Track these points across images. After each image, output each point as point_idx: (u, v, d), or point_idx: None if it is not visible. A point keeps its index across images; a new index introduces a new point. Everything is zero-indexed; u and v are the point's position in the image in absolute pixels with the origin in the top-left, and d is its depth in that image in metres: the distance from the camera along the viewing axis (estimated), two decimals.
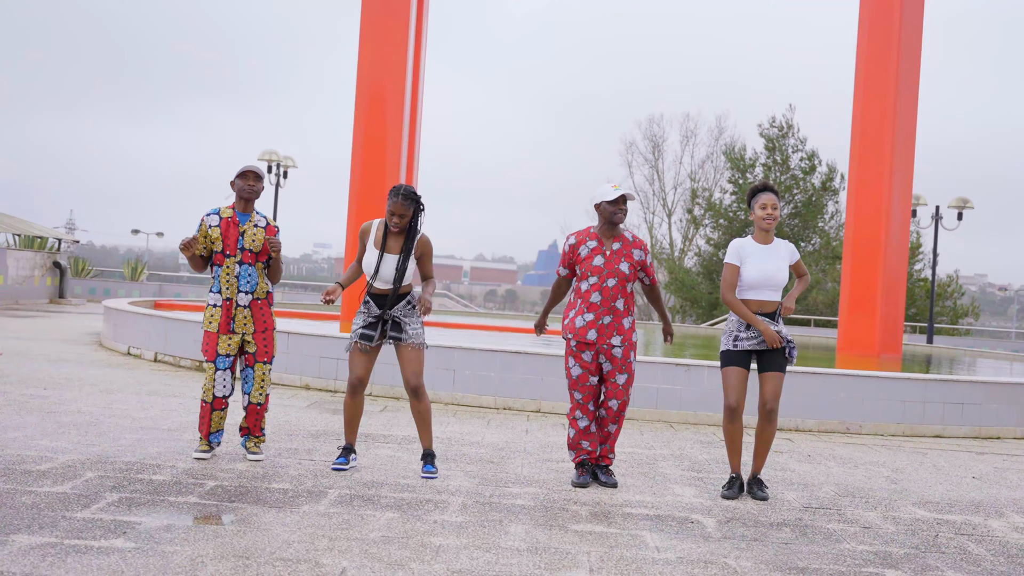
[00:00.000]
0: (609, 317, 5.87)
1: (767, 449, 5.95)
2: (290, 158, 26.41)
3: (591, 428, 5.96)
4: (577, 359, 5.93)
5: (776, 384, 5.83)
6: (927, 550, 4.81)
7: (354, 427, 6.01)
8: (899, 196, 16.78)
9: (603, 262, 5.89)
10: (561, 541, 4.55)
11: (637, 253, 5.98)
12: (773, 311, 5.88)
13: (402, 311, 5.88)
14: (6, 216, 27.91)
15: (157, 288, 30.83)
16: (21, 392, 8.38)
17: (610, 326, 5.87)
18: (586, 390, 5.92)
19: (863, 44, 17.01)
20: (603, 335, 5.86)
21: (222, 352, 5.96)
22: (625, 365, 5.91)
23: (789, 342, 5.88)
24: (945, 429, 9.33)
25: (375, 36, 16.54)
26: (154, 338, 11.88)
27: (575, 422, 5.96)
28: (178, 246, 5.94)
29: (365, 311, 5.91)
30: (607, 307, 5.87)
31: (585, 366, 5.90)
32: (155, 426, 7.05)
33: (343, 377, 9.77)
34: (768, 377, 5.84)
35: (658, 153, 45.81)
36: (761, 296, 5.86)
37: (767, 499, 5.77)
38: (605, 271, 5.88)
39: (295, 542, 4.25)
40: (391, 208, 5.76)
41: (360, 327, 5.88)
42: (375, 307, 5.87)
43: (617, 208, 5.91)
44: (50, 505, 4.61)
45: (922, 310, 32.47)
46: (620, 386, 5.90)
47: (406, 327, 5.88)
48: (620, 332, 5.88)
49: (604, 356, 5.89)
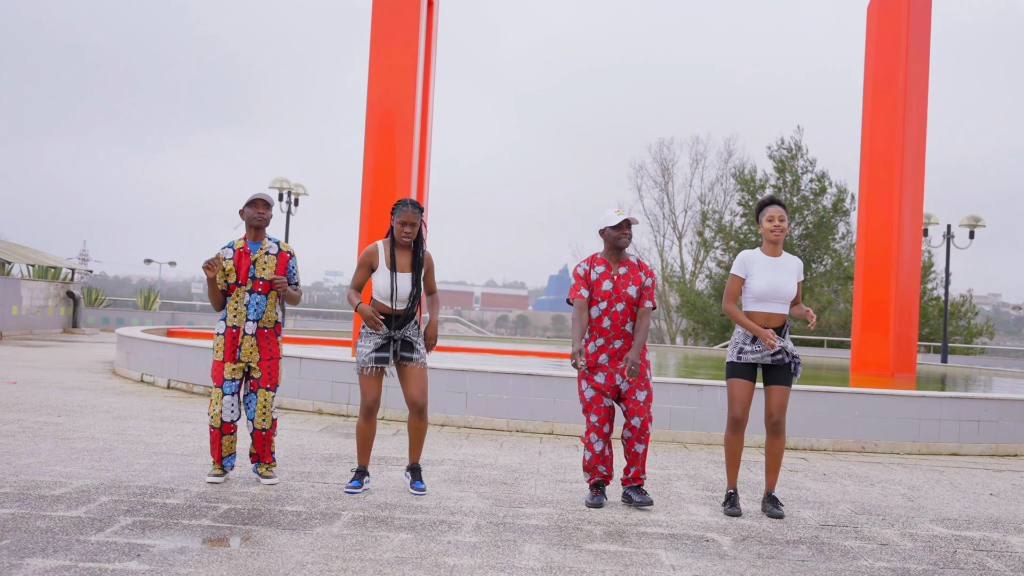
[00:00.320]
0: (620, 341, 5.90)
1: (778, 464, 5.91)
2: (301, 185, 26.57)
3: (606, 452, 5.94)
4: (590, 381, 5.92)
5: (781, 397, 5.80)
6: (945, 566, 4.76)
7: (367, 450, 6.01)
8: (909, 214, 16.75)
9: (612, 286, 5.93)
10: (576, 560, 4.53)
11: (644, 278, 6.02)
12: (779, 325, 5.85)
13: (412, 331, 5.90)
14: (19, 247, 28.11)
15: (170, 316, 30.94)
16: (35, 419, 8.40)
17: (621, 350, 5.90)
18: (601, 412, 5.90)
19: (870, 64, 17.06)
20: (615, 358, 5.88)
21: (227, 377, 5.98)
22: (643, 382, 5.92)
23: (794, 357, 5.85)
24: (961, 447, 9.26)
25: (385, 63, 16.66)
26: (167, 365, 11.91)
27: (591, 445, 5.94)
28: (201, 266, 5.96)
29: (373, 332, 5.91)
30: (617, 331, 5.89)
31: (598, 387, 5.90)
32: (168, 451, 7.05)
33: (355, 401, 9.77)
34: (773, 391, 5.82)
35: (668, 176, 45.88)
36: (768, 309, 5.85)
37: (783, 517, 5.73)
38: (613, 295, 5.91)
39: (309, 563, 4.24)
40: (402, 218, 5.80)
41: (372, 351, 5.87)
42: (385, 328, 5.87)
43: (621, 233, 5.96)
44: (64, 529, 4.61)
45: (936, 329, 32.31)
46: (641, 403, 5.90)
47: (416, 346, 5.90)
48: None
49: (619, 376, 5.89)
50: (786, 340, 5.87)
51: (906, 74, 16.53)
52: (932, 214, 25.82)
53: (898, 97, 16.47)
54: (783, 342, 5.83)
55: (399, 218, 5.83)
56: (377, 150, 17.10)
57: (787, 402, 5.86)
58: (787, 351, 5.83)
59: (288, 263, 6.14)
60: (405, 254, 5.93)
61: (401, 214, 5.83)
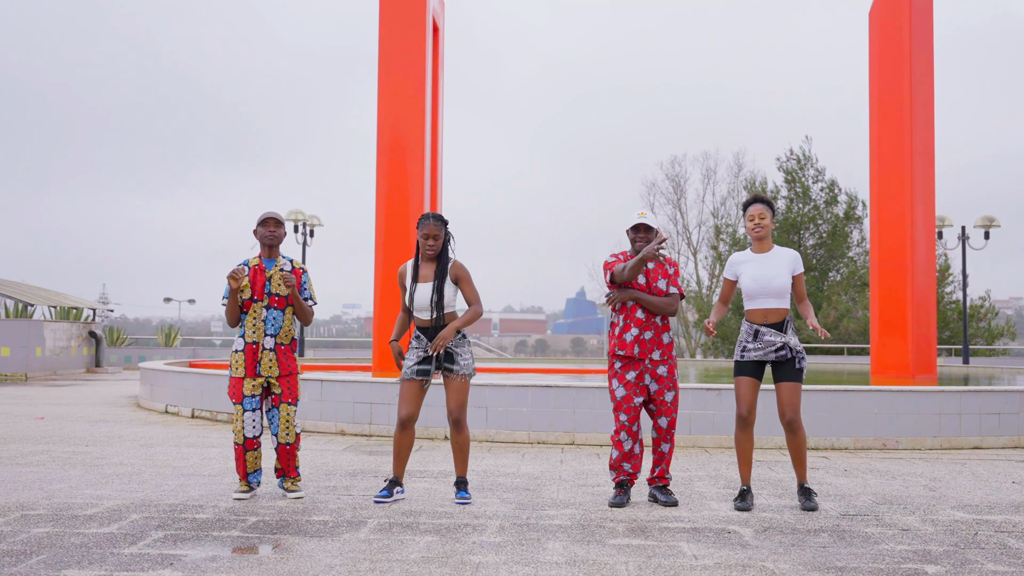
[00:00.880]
0: (651, 332, 6.02)
1: (802, 458, 5.94)
2: (316, 217, 26.83)
3: (635, 450, 6.02)
4: (621, 380, 6.03)
5: (790, 394, 5.83)
6: (966, 547, 4.80)
7: (402, 460, 6.09)
8: (922, 215, 16.76)
9: (645, 280, 6.04)
10: (599, 554, 4.60)
11: (670, 270, 6.17)
12: (779, 321, 5.88)
13: (453, 342, 6.00)
14: (41, 289, 28.45)
15: (191, 352, 31.17)
16: (64, 449, 8.54)
17: (651, 341, 6.02)
18: (631, 411, 5.99)
19: (874, 68, 17.15)
20: (644, 349, 6.00)
21: (247, 394, 6.10)
22: (672, 383, 6.03)
23: (797, 352, 5.87)
24: (983, 440, 9.26)
25: (393, 90, 16.86)
26: (190, 395, 12.05)
27: (619, 444, 6.02)
28: (226, 276, 6.07)
29: (417, 345, 6.03)
30: (649, 322, 6.02)
31: (629, 387, 6.00)
32: (195, 473, 7.17)
33: (378, 421, 9.87)
34: (781, 388, 5.87)
35: (680, 192, 45.99)
36: (762, 305, 5.92)
37: (816, 509, 5.75)
38: (647, 289, 6.04)
39: (337, 565, 4.33)
40: (425, 231, 5.95)
41: (415, 363, 5.98)
42: (426, 340, 5.99)
43: (636, 237, 6.08)
44: (98, 543, 4.72)
45: (956, 333, 32.15)
46: (669, 403, 6.01)
47: (457, 358, 6.00)
48: (660, 347, 6.03)
49: (649, 376, 5.99)
50: (788, 335, 5.88)
51: (911, 76, 16.60)
52: (946, 216, 25.80)
53: (904, 100, 16.54)
54: (785, 338, 5.86)
55: (422, 231, 5.98)
56: (389, 176, 17.28)
57: (798, 398, 5.87)
58: (789, 346, 5.86)
59: (301, 278, 6.28)
60: (429, 266, 6.06)
61: (424, 227, 5.98)
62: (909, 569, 4.32)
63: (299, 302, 6.22)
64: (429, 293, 5.97)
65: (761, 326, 5.88)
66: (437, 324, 5.99)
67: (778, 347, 5.83)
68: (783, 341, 5.82)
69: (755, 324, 5.92)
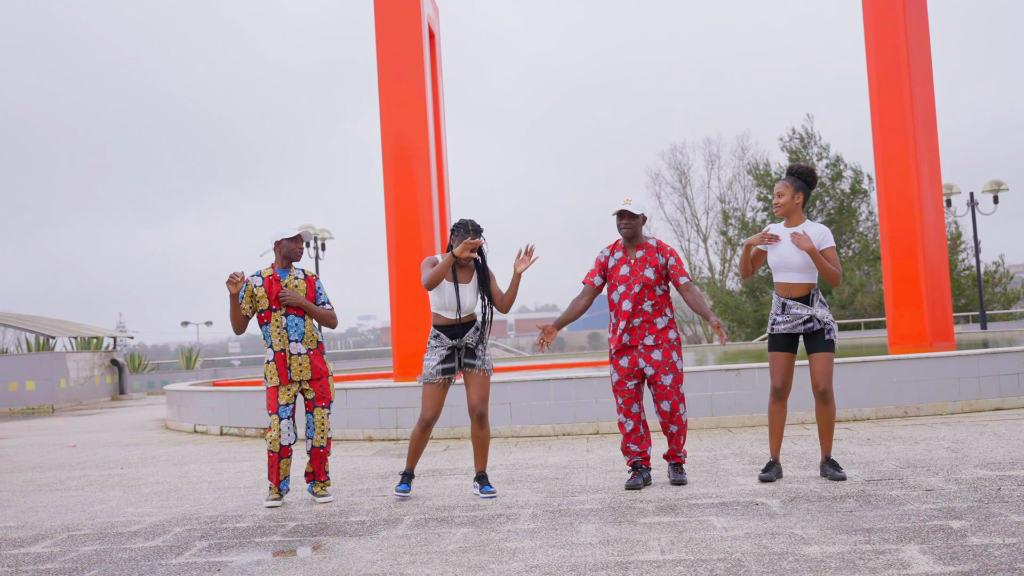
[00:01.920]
0: (639, 319, 6.12)
1: (829, 430, 6.01)
2: (327, 230, 27.02)
3: (640, 430, 6.15)
4: (615, 365, 6.19)
5: (822, 364, 5.92)
6: (990, 502, 4.90)
7: (417, 456, 6.24)
8: (929, 184, 16.80)
9: (629, 271, 6.18)
10: (631, 532, 4.72)
11: (660, 259, 6.22)
12: (804, 294, 5.97)
13: (472, 338, 6.13)
14: (60, 321, 28.75)
15: (213, 373, 31.41)
16: (100, 473, 8.72)
17: (641, 327, 6.12)
18: (626, 393, 6.14)
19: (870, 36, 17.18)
20: (635, 336, 6.11)
21: (282, 403, 6.26)
22: (668, 366, 6.10)
23: (826, 324, 5.97)
24: (1004, 401, 9.33)
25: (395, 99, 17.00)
26: (218, 413, 12.23)
27: (621, 426, 6.20)
28: (225, 282, 6.20)
29: (437, 344, 6.13)
30: (636, 310, 6.12)
31: (622, 371, 6.14)
32: (231, 486, 7.32)
33: (404, 425, 10.02)
34: (813, 359, 5.95)
35: (685, 180, 46.00)
36: (785, 279, 6.01)
37: (844, 479, 5.83)
38: (631, 279, 6.15)
39: (379, 560, 4.46)
40: (471, 246, 5.92)
41: (438, 363, 6.08)
42: (447, 338, 6.11)
43: (619, 224, 6.22)
44: (146, 556, 4.87)
45: (972, 300, 32.09)
46: (668, 387, 6.09)
47: (478, 354, 6.13)
48: (652, 331, 6.11)
49: (643, 360, 6.10)
50: (816, 308, 5.97)
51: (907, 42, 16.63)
52: (953, 184, 25.79)
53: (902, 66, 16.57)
54: (812, 310, 5.95)
55: (464, 243, 5.92)
56: (397, 185, 17.41)
57: (830, 368, 5.93)
58: (817, 318, 5.95)
59: (315, 285, 6.44)
60: (465, 268, 6.17)
61: (468, 239, 5.94)
62: (935, 526, 4.43)
63: (313, 311, 6.33)
64: (475, 297, 6.10)
65: (787, 299, 5.99)
66: (465, 323, 6.12)
67: (805, 319, 5.93)
68: (809, 313, 5.92)
69: (781, 297, 6.03)
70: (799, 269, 5.97)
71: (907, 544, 4.12)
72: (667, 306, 6.20)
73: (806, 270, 5.98)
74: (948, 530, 4.33)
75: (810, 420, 9.18)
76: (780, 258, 6.02)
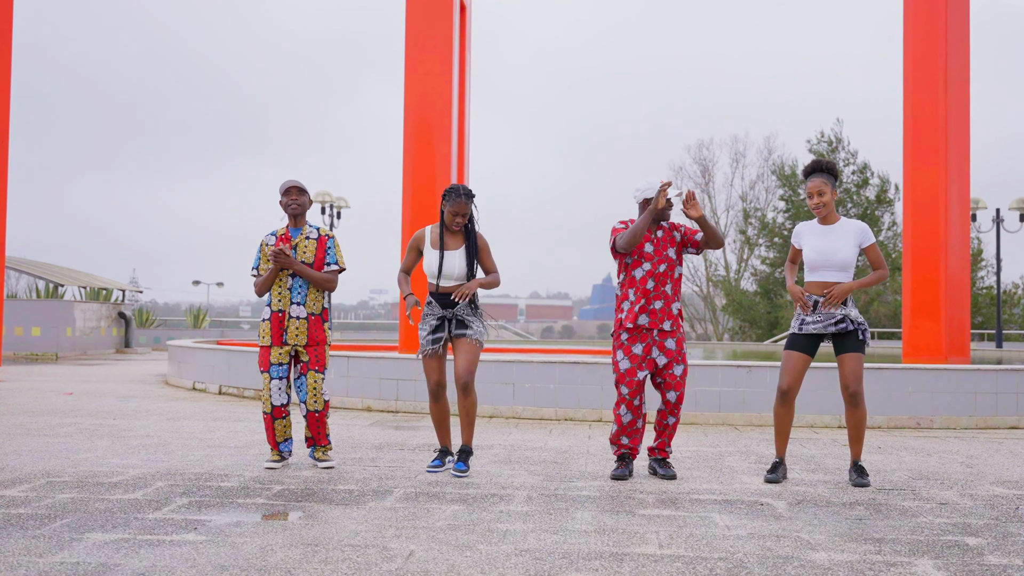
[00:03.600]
0: (660, 302, 5.86)
1: (860, 435, 5.75)
2: (343, 199, 26.79)
3: (637, 424, 5.91)
4: (627, 352, 5.88)
5: (854, 365, 5.65)
6: (1008, 521, 4.66)
7: (444, 429, 6.07)
8: (956, 195, 16.46)
9: (652, 249, 5.89)
10: (629, 523, 4.50)
11: (676, 235, 5.97)
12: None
13: (465, 310, 5.92)
14: (70, 270, 28.69)
15: (219, 333, 31.36)
16: (91, 422, 8.56)
17: (662, 311, 5.86)
18: (633, 385, 5.86)
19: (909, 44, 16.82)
20: (655, 319, 5.84)
21: (274, 362, 6.04)
22: (680, 356, 5.87)
23: (860, 324, 5.71)
24: (1020, 420, 9.06)
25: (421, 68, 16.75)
26: (218, 371, 12.06)
27: (619, 417, 5.91)
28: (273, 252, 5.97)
29: (429, 312, 5.97)
30: (659, 291, 5.86)
31: (635, 360, 5.86)
32: (222, 444, 7.14)
33: (404, 397, 9.82)
34: (844, 359, 5.69)
35: (708, 177, 45.58)
36: (822, 278, 5.76)
37: (867, 486, 5.59)
38: (656, 257, 5.88)
39: (363, 532, 4.26)
40: (454, 208, 5.85)
41: (429, 333, 5.93)
42: (439, 307, 5.91)
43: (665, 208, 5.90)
44: (123, 509, 4.69)
45: (988, 318, 31.69)
46: (678, 377, 5.85)
47: (471, 324, 5.93)
48: (670, 317, 5.87)
49: (657, 348, 5.85)
50: (849, 308, 5.71)
51: (946, 55, 16.27)
52: (980, 199, 25.37)
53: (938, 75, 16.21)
54: (845, 310, 5.69)
55: (451, 207, 5.86)
56: (416, 156, 17.18)
57: (861, 370, 5.67)
58: (851, 319, 5.69)
59: (327, 244, 6.20)
60: (456, 236, 5.97)
61: (454, 204, 5.85)
62: (949, 541, 4.20)
63: (306, 275, 6.05)
64: (462, 264, 5.89)
65: (820, 297, 5.74)
66: (447, 292, 5.93)
67: (838, 319, 5.68)
68: (843, 313, 5.66)
69: (815, 296, 5.77)
70: (840, 268, 5.71)
71: (920, 558, 3.89)
72: (680, 291, 5.97)
73: (846, 269, 5.71)
74: (964, 547, 4.10)
75: (820, 424, 8.94)
76: (822, 257, 5.72)
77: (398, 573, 3.58)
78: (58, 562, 3.67)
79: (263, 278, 6.06)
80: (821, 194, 5.81)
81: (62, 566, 3.61)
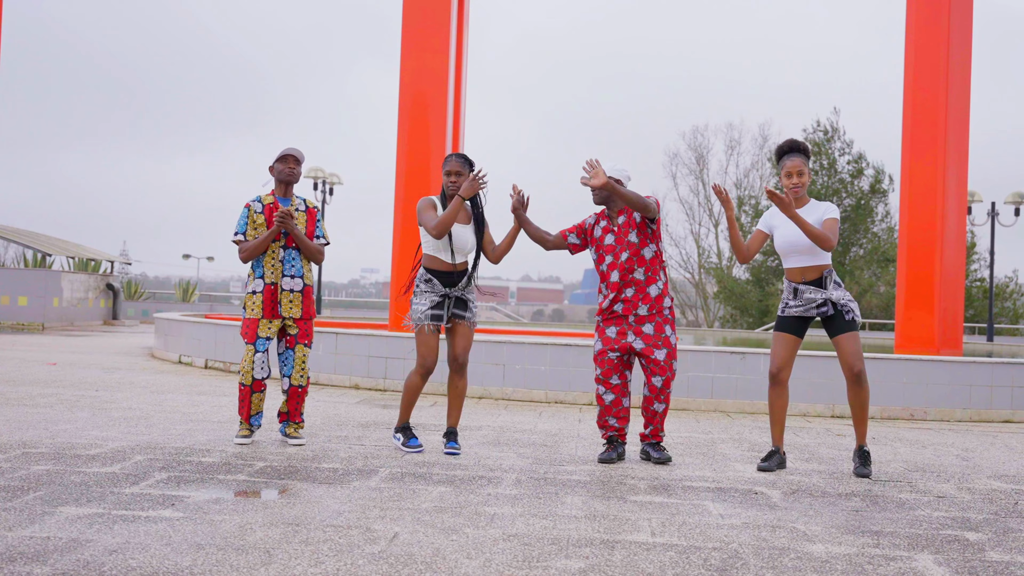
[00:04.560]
0: (631, 289, 5.72)
1: (864, 416, 5.59)
2: (336, 175, 26.54)
3: (621, 403, 5.78)
4: (601, 334, 5.83)
5: (852, 343, 5.48)
6: (1007, 516, 4.55)
7: (411, 407, 5.91)
8: (954, 186, 16.35)
9: (613, 239, 5.77)
10: (620, 510, 4.38)
11: (636, 216, 5.75)
12: (817, 277, 5.55)
13: (466, 290, 5.79)
14: (59, 240, 28.42)
15: (208, 307, 31.16)
16: (73, 393, 8.40)
17: (634, 297, 5.72)
18: (606, 363, 5.76)
19: (911, 36, 16.67)
20: (628, 306, 5.72)
21: (262, 335, 5.89)
22: (661, 340, 5.71)
23: (843, 305, 5.55)
24: (1015, 414, 8.97)
25: (417, 44, 16.53)
26: (204, 345, 11.90)
27: (600, 398, 5.82)
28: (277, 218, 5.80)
29: (429, 290, 5.73)
30: (627, 280, 5.72)
31: (607, 341, 5.77)
32: (205, 419, 7.00)
33: (392, 376, 9.69)
34: (840, 341, 5.53)
35: (703, 164, 45.44)
36: (797, 263, 5.59)
37: (868, 476, 5.46)
38: (617, 247, 5.75)
39: (346, 512, 4.13)
40: (449, 168, 5.72)
41: (428, 308, 5.70)
42: (440, 285, 5.74)
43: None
44: (98, 482, 4.54)
45: (980, 311, 31.68)
46: (661, 362, 5.70)
47: (470, 305, 5.79)
48: (647, 300, 5.71)
49: (633, 333, 5.71)
50: (830, 290, 5.57)
51: (947, 48, 16.12)
52: (976, 191, 25.28)
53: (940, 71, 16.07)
54: (827, 293, 5.55)
55: (446, 167, 5.76)
56: (411, 132, 16.98)
57: (859, 348, 5.50)
58: (831, 301, 5.55)
59: (316, 217, 6.08)
60: (463, 209, 5.80)
61: (448, 164, 5.75)
62: (949, 535, 4.08)
63: (304, 244, 5.94)
64: (472, 237, 5.75)
65: (800, 284, 5.59)
66: (461, 270, 5.77)
67: (819, 303, 5.54)
68: (824, 297, 5.52)
69: (794, 283, 5.63)
70: (810, 252, 5.51)
71: (920, 552, 3.77)
72: (660, 270, 5.77)
73: (816, 251, 5.53)
74: (964, 542, 3.98)
75: (813, 413, 8.84)
76: (789, 243, 5.57)
77: (381, 556, 3.45)
78: (27, 536, 3.52)
79: (254, 243, 5.86)
80: (800, 174, 5.64)
81: (31, 540, 3.47)
